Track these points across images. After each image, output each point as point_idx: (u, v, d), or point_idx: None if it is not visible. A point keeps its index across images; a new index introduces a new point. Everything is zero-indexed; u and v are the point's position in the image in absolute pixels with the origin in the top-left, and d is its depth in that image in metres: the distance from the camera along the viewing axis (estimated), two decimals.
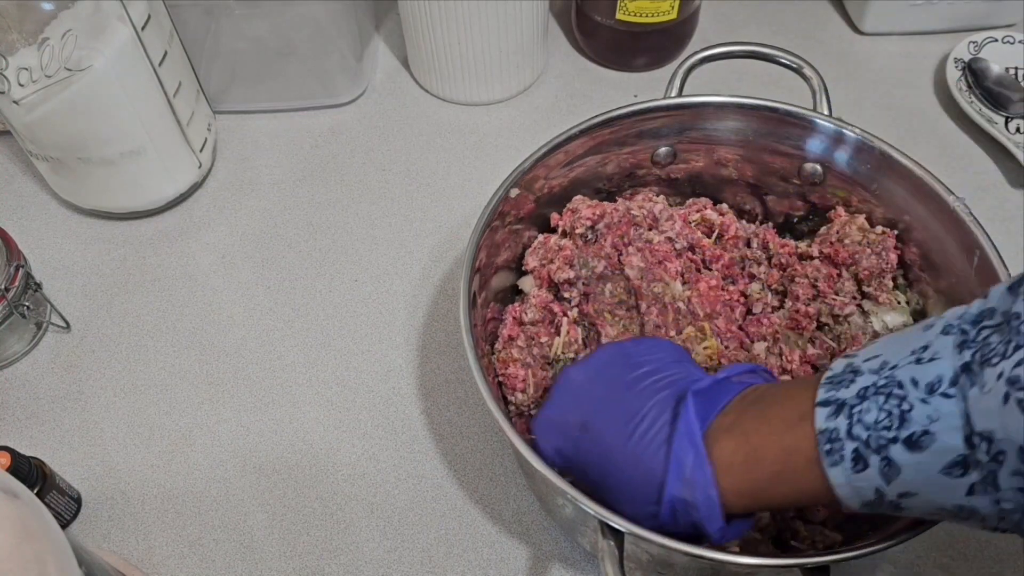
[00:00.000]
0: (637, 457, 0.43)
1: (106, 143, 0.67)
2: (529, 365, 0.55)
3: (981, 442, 0.33)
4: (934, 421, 0.34)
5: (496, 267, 0.57)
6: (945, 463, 0.34)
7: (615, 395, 0.45)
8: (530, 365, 0.55)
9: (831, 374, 0.39)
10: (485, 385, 0.47)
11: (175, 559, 0.58)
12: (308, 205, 0.75)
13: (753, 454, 0.40)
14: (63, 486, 0.58)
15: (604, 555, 0.42)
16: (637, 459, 0.43)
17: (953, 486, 0.35)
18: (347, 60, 0.78)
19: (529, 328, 0.57)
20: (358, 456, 0.62)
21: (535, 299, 0.57)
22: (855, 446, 0.36)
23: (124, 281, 0.71)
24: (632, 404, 0.44)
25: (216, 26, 0.73)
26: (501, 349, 0.56)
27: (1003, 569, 0.56)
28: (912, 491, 0.36)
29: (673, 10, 0.77)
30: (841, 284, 0.56)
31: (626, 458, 0.43)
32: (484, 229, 0.54)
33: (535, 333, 0.57)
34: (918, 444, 0.35)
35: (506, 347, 0.56)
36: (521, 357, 0.55)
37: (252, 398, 0.65)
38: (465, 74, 0.78)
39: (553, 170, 0.58)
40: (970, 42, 0.80)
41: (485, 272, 0.55)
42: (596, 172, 0.61)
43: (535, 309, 0.57)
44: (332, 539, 0.58)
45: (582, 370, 0.48)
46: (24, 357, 0.67)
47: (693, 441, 0.41)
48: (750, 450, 0.40)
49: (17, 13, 0.60)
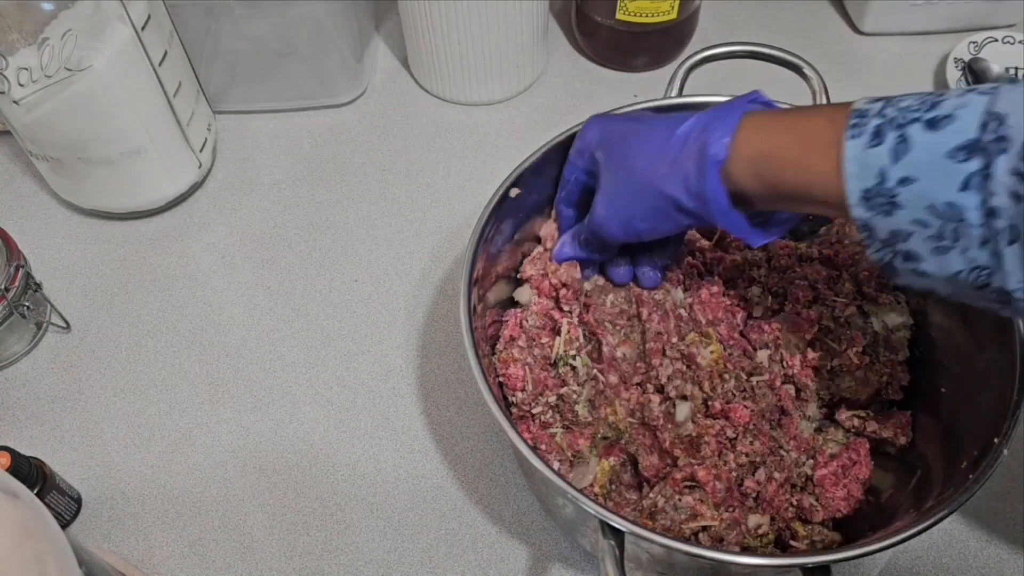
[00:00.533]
0: (664, 126, 0.48)
1: (106, 143, 0.67)
2: (529, 365, 0.55)
3: (992, 122, 0.35)
4: (961, 108, 0.36)
5: (495, 276, 0.57)
6: (954, 145, 0.36)
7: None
8: (530, 365, 0.55)
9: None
10: (486, 385, 0.47)
11: (175, 559, 0.58)
12: (308, 205, 0.75)
13: (775, 128, 0.43)
14: (63, 486, 0.58)
15: (604, 554, 0.42)
16: (664, 127, 0.47)
17: (952, 172, 0.36)
18: (347, 60, 0.78)
19: (531, 329, 0.57)
20: (358, 456, 0.62)
21: (536, 306, 0.57)
22: (879, 122, 0.38)
23: (124, 281, 0.71)
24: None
25: (216, 26, 0.73)
26: (502, 349, 0.56)
27: (1003, 569, 0.56)
28: (913, 176, 0.37)
29: (673, 10, 0.77)
30: (841, 286, 0.56)
31: (652, 130, 0.48)
32: (484, 229, 0.53)
33: (536, 334, 0.57)
34: (937, 124, 0.36)
35: (507, 347, 0.56)
36: (522, 357, 0.55)
37: (252, 398, 0.65)
38: (465, 74, 0.78)
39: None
40: (970, 42, 0.80)
41: (484, 283, 0.55)
42: None
43: (536, 316, 0.57)
44: (332, 539, 0.58)
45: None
46: (24, 357, 0.67)
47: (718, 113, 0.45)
48: (774, 126, 0.43)
49: (17, 13, 0.60)
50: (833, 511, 0.51)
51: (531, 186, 0.57)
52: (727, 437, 0.52)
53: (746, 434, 0.52)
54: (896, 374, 0.54)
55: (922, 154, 0.37)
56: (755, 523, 0.51)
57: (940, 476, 0.49)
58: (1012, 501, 0.58)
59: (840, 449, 0.53)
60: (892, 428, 0.53)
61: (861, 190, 0.39)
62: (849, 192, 0.39)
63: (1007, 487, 0.59)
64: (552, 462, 0.53)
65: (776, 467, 0.51)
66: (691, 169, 0.45)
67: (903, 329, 0.55)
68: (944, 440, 0.52)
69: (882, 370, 0.54)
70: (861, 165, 0.38)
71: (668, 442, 0.51)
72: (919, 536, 0.42)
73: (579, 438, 0.54)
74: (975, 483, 0.43)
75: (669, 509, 0.50)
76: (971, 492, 0.43)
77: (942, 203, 0.36)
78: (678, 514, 0.50)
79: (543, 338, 0.56)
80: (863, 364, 0.54)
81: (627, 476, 0.54)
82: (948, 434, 0.51)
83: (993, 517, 0.58)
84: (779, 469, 0.51)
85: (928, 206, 0.37)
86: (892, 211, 0.38)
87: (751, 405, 0.52)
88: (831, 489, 0.51)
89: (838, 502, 0.51)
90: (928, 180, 0.37)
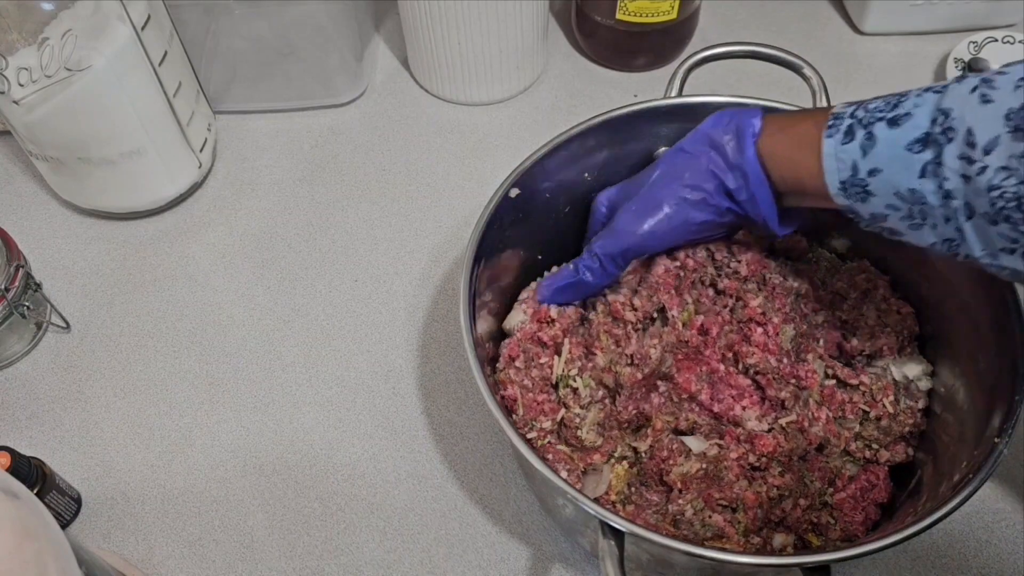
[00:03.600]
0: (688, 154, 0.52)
1: (106, 143, 0.67)
2: (526, 387, 0.53)
3: (939, 116, 0.40)
4: (917, 107, 0.41)
5: (492, 302, 0.56)
6: (911, 138, 0.41)
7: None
8: (527, 387, 0.53)
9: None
10: (485, 385, 0.47)
11: (175, 559, 0.58)
12: (308, 205, 0.75)
13: (776, 130, 0.49)
14: (63, 486, 0.58)
15: (604, 555, 0.42)
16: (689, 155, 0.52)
17: (911, 163, 0.41)
18: (347, 60, 0.78)
19: (530, 348, 0.55)
20: (358, 456, 0.62)
21: (519, 332, 0.55)
22: (851, 123, 0.44)
23: (124, 281, 0.71)
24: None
25: (216, 26, 0.73)
26: (501, 369, 0.54)
27: (1003, 569, 0.56)
28: (879, 167, 0.42)
29: (673, 10, 0.77)
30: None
31: (665, 161, 0.54)
32: (484, 229, 0.53)
33: (535, 353, 0.55)
34: (897, 122, 0.42)
35: (506, 367, 0.54)
36: (518, 379, 0.53)
37: (252, 398, 0.65)
38: (465, 74, 0.78)
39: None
40: (970, 42, 0.80)
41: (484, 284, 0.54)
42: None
43: (524, 341, 0.55)
44: (332, 539, 0.58)
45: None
46: (24, 357, 0.67)
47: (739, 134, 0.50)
48: (776, 128, 0.49)
49: (17, 13, 0.60)
50: (851, 534, 0.51)
51: (532, 187, 0.57)
52: (749, 464, 0.51)
53: (775, 465, 0.51)
54: (917, 423, 0.54)
55: (885, 148, 0.42)
56: (780, 543, 0.50)
57: (940, 477, 0.49)
58: (1012, 501, 0.58)
59: (858, 471, 0.53)
60: (903, 451, 0.53)
61: (839, 181, 0.44)
62: (829, 183, 0.45)
63: (1007, 487, 0.59)
64: (560, 470, 0.52)
65: (802, 495, 0.51)
66: (730, 145, 0.50)
67: (923, 378, 0.55)
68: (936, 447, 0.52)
69: (905, 420, 0.53)
70: (837, 160, 0.44)
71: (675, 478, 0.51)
72: (919, 537, 0.42)
73: (591, 455, 0.53)
74: (974, 484, 0.43)
75: (696, 523, 0.50)
76: (971, 493, 0.43)
77: (906, 189, 0.42)
78: (704, 530, 0.50)
79: (542, 358, 0.55)
80: (890, 413, 0.53)
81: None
82: (949, 436, 0.51)
83: (993, 517, 0.58)
84: (804, 496, 0.51)
85: (895, 192, 0.42)
86: (867, 198, 0.44)
87: (781, 441, 0.51)
88: (850, 513, 0.51)
89: (856, 526, 0.51)
90: (892, 170, 0.42)
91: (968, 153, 0.39)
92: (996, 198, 0.38)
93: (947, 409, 0.53)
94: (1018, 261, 0.39)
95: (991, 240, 0.40)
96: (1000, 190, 0.38)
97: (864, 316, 0.56)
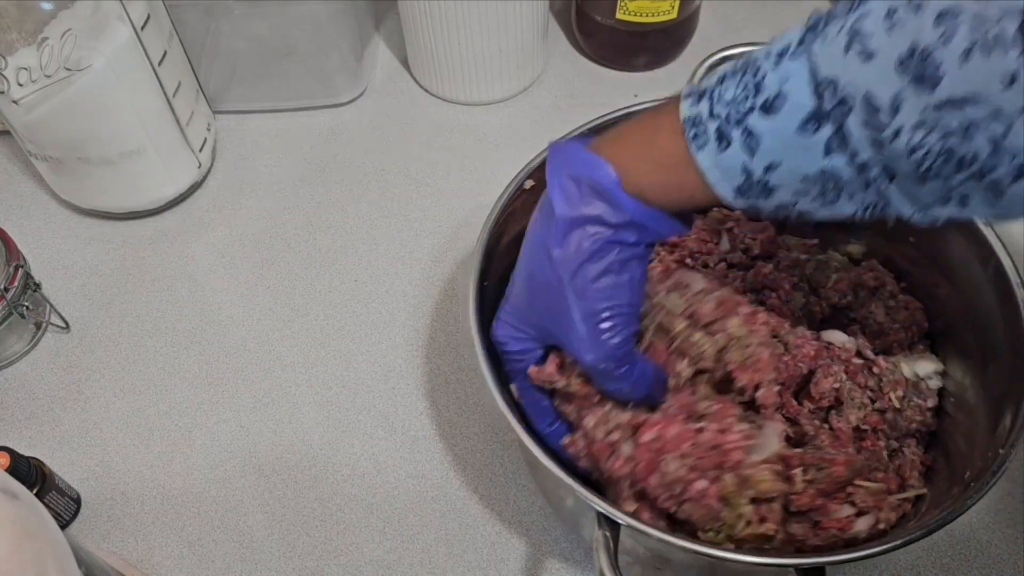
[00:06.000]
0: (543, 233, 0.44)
1: (106, 143, 0.67)
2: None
3: (826, 89, 0.35)
4: (785, 82, 0.36)
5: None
6: (799, 120, 0.36)
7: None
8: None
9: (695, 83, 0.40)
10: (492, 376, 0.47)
11: (175, 559, 0.58)
12: (308, 205, 0.75)
13: (629, 157, 0.42)
14: (63, 486, 0.58)
15: (598, 544, 0.42)
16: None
17: (811, 145, 0.36)
18: (347, 60, 0.78)
19: None
20: (358, 456, 0.62)
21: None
22: (717, 124, 0.38)
23: (124, 281, 0.71)
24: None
25: (216, 26, 0.73)
26: None
27: (1003, 570, 0.56)
28: (775, 161, 0.37)
29: (673, 10, 0.77)
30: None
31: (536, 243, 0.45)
32: (496, 222, 0.52)
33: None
34: (772, 107, 0.36)
35: None
36: None
37: (252, 398, 0.65)
38: (465, 74, 0.78)
39: None
40: None
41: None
42: None
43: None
44: (332, 540, 0.58)
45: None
46: (24, 357, 0.67)
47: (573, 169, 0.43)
48: (627, 155, 0.42)
49: (17, 13, 0.60)
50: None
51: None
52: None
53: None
54: (926, 421, 0.53)
55: (774, 140, 0.37)
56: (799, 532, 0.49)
57: (952, 477, 0.49)
58: (1012, 501, 0.58)
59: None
60: (909, 468, 0.53)
61: (733, 188, 0.39)
62: (723, 194, 0.39)
63: (1007, 487, 0.59)
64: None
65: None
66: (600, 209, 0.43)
67: (934, 376, 0.54)
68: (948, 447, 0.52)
69: (912, 416, 0.53)
70: (722, 170, 0.39)
71: None
72: (919, 538, 0.42)
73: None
74: (976, 491, 0.42)
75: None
76: (974, 500, 0.42)
77: (814, 172, 0.37)
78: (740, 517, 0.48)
79: None
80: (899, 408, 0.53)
81: None
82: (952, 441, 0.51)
83: (993, 517, 0.58)
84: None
85: (802, 178, 0.37)
86: (770, 194, 0.39)
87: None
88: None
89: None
90: (792, 159, 0.37)
91: (873, 119, 0.34)
92: (921, 159, 0.34)
93: (959, 410, 0.53)
94: (953, 208, 0.36)
95: (919, 198, 0.36)
96: (923, 149, 0.33)
97: (873, 313, 0.56)
